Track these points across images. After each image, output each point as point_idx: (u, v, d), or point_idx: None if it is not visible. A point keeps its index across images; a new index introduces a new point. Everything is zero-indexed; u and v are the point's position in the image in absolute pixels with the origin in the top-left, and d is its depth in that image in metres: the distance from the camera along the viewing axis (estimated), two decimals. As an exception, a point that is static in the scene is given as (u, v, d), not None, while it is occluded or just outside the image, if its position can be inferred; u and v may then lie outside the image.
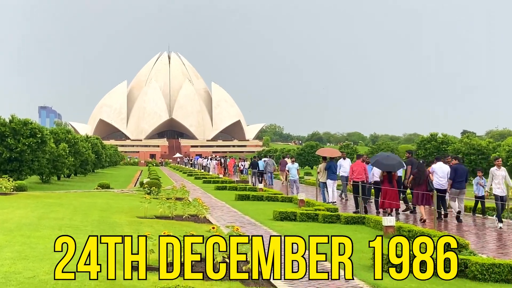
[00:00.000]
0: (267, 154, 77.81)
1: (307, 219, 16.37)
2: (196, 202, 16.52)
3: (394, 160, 18.28)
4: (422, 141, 54.92)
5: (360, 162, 20.67)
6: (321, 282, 8.47)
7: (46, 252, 9.42)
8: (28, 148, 31.08)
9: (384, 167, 18.07)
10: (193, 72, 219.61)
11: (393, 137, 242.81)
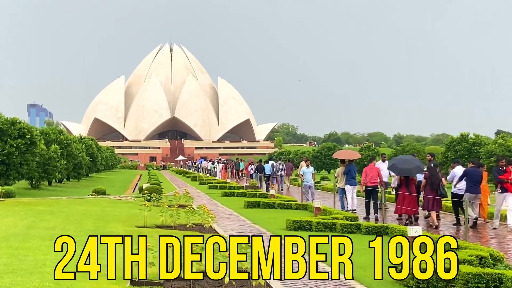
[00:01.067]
0: (279, 157, 77.70)
1: (324, 229, 16.33)
2: (201, 210, 16.53)
3: (411, 164, 18.80)
4: (452, 142, 54.75)
5: (374, 165, 21.40)
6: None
7: (36, 265, 9.46)
8: (16, 150, 31.21)
9: (399, 172, 18.86)
10: (197, 66, 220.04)
11: (419, 138, 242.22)
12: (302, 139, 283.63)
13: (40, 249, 11.18)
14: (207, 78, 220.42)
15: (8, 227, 14.39)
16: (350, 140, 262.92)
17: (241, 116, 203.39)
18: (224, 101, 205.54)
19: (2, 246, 11.30)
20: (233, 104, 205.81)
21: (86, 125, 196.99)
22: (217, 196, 30.83)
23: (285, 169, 39.42)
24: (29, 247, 11.31)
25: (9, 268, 9.10)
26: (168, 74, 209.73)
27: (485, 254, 10.67)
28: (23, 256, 10.25)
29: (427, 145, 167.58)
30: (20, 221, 16.05)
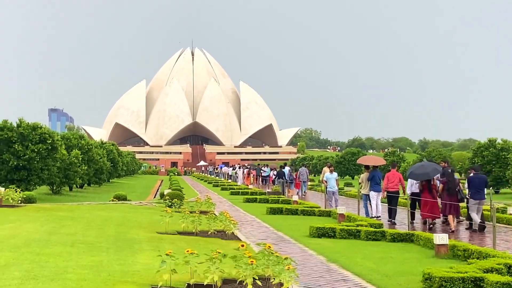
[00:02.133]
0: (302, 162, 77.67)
1: (348, 236, 16.26)
2: (223, 216, 16.54)
3: (428, 168, 19.75)
4: (479, 147, 54.12)
5: (395, 171, 22.12)
6: None
7: (57, 271, 9.53)
8: (37, 155, 31.53)
9: (418, 177, 19.86)
10: (219, 70, 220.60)
11: (445, 143, 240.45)
12: (325, 144, 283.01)
13: (61, 255, 11.26)
14: (229, 82, 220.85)
15: (29, 233, 14.52)
16: (374, 145, 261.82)
17: (264, 121, 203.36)
18: (246, 105, 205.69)
19: (23, 252, 11.40)
20: (256, 109, 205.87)
21: (107, 130, 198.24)
22: (239, 202, 30.84)
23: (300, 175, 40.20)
24: (50, 253, 11.39)
25: (30, 275, 9.18)
26: (190, 78, 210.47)
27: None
28: (44, 263, 10.33)
29: (454, 150, 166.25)
30: (41, 226, 16.19)
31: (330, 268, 11.53)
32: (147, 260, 11.05)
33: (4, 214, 19.78)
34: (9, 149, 31.30)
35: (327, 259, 12.50)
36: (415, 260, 12.60)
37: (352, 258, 12.68)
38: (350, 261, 12.20)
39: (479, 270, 9.74)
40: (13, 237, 13.67)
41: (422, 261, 12.41)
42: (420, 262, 12.16)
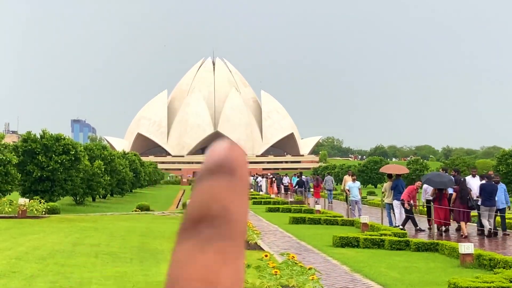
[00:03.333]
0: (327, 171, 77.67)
1: (372, 246, 16.19)
2: (245, 226, 16.55)
3: (445, 178, 20.94)
4: (504, 155, 53.67)
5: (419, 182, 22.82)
6: None
7: (82, 282, 9.61)
8: (60, 166, 31.79)
9: (435, 184, 20.68)
10: (240, 79, 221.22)
11: (469, 151, 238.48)
12: (347, 152, 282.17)
13: (86, 266, 11.35)
14: (250, 91, 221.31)
15: (54, 244, 14.65)
16: (397, 153, 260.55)
17: (285, 130, 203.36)
18: (268, 115, 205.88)
19: (49, 263, 11.51)
20: (277, 118, 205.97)
21: (129, 140, 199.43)
22: (262, 212, 30.83)
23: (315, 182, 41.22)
24: (75, 264, 11.49)
25: (56, 286, 9.26)
26: (211, 88, 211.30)
27: (541, 272, 10.43)
28: (69, 274, 10.42)
29: (477, 158, 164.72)
30: (65, 237, 16.32)
31: (354, 278, 11.49)
32: (170, 270, 11.08)
33: (29, 225, 19.98)
34: (33, 160, 31.61)
35: (351, 269, 12.46)
36: (440, 269, 12.52)
37: (376, 268, 12.63)
38: (374, 271, 12.15)
39: (506, 279, 9.66)
40: (38, 248, 13.80)
41: (447, 270, 12.33)
42: (445, 272, 12.08)
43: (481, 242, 18.17)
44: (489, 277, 9.81)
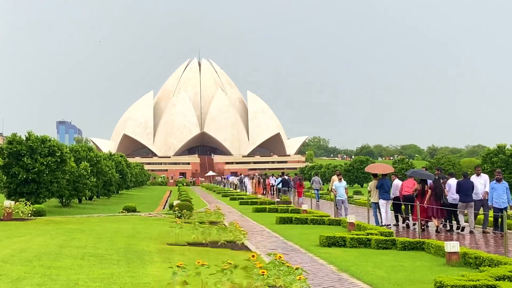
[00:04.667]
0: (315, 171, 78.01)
1: (358, 245, 16.25)
2: (232, 227, 16.57)
3: (428, 173, 22.57)
4: (488, 154, 54.05)
5: (413, 180, 23.16)
6: None
7: (68, 284, 9.56)
8: (46, 168, 31.61)
9: (421, 175, 22.09)
10: (226, 80, 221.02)
11: (454, 150, 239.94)
12: (333, 152, 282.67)
13: (73, 268, 11.29)
14: (236, 92, 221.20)
15: (40, 246, 14.57)
16: (383, 153, 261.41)
17: (271, 130, 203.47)
18: (254, 115, 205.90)
19: (35, 266, 11.44)
20: (263, 118, 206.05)
21: (115, 141, 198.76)
22: (249, 212, 30.85)
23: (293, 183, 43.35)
24: (61, 266, 11.43)
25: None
26: (197, 88, 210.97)
27: (526, 270, 10.50)
28: (55, 276, 10.36)
29: (463, 157, 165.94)
30: (51, 240, 16.24)
31: (341, 277, 11.52)
32: (157, 272, 11.07)
33: (15, 228, 19.87)
34: (18, 163, 31.40)
35: (338, 269, 12.49)
36: (426, 268, 12.57)
37: (363, 267, 12.67)
38: (361, 270, 12.18)
39: (491, 277, 9.72)
40: (24, 250, 13.72)
41: (433, 269, 12.39)
42: (431, 270, 12.14)
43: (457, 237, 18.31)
44: (475, 275, 9.86)
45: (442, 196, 20.91)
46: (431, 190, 21.00)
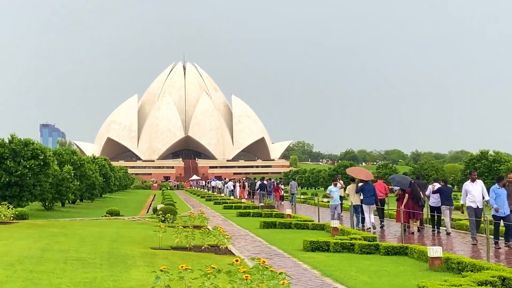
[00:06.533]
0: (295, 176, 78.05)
1: (342, 250, 16.27)
2: (216, 231, 16.54)
3: (406, 180, 23.20)
4: (471, 159, 54.49)
5: (382, 182, 25.27)
6: None
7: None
8: (29, 171, 31.43)
9: (397, 184, 23.24)
10: (211, 84, 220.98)
11: (437, 155, 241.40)
12: (318, 157, 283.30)
13: (55, 272, 11.21)
14: (221, 96, 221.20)
15: (22, 250, 14.46)
16: (366, 158, 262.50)
17: (256, 134, 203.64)
18: (239, 119, 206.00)
19: (17, 270, 11.35)
20: (248, 123, 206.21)
21: (99, 145, 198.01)
22: (232, 216, 30.82)
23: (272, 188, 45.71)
24: (44, 270, 11.35)
25: (24, 292, 9.13)
26: (182, 92, 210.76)
27: (508, 275, 10.56)
28: (38, 280, 10.29)
29: (446, 162, 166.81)
30: (34, 243, 16.12)
31: (324, 282, 11.53)
32: (141, 276, 11.02)
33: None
34: (1, 166, 31.20)
35: (321, 273, 12.50)
36: (409, 273, 12.61)
37: (346, 272, 12.69)
38: (344, 275, 12.20)
39: (473, 283, 9.77)
40: (6, 254, 13.61)
41: (416, 274, 12.43)
42: (414, 275, 12.18)
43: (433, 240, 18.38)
44: (457, 280, 9.91)
45: (419, 199, 22.21)
46: (408, 194, 22.23)
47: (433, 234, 21.59)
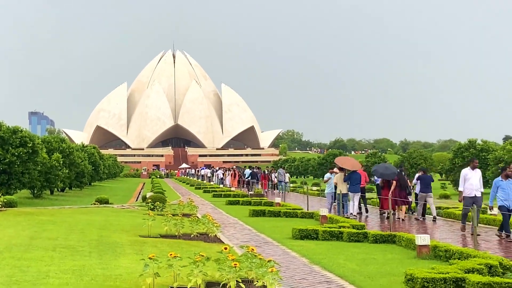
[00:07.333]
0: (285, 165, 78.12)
1: (330, 238, 16.33)
2: (205, 219, 16.54)
3: (390, 171, 24.26)
4: (459, 148, 54.63)
5: (362, 170, 25.81)
6: None
7: (39, 276, 9.48)
8: (17, 159, 31.25)
9: (381, 176, 24.39)
10: (200, 72, 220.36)
11: (426, 144, 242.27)
12: (307, 146, 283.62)
13: (43, 259, 11.19)
14: (211, 84, 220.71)
15: (11, 238, 14.42)
16: (356, 146, 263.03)
17: (245, 123, 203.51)
18: (228, 108, 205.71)
19: (5, 257, 11.32)
20: (237, 111, 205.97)
21: (88, 133, 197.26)
22: (222, 205, 30.84)
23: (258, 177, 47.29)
24: (32, 258, 11.33)
25: (12, 280, 9.12)
26: (171, 80, 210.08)
27: (495, 263, 10.64)
28: (26, 267, 10.26)
29: (434, 151, 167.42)
30: (22, 231, 16.08)
31: (313, 269, 11.57)
32: (130, 264, 11.02)
33: (-15, 219, 19.62)
34: (-11, 153, 31.02)
35: (310, 261, 12.54)
36: (397, 261, 12.68)
37: (335, 259, 12.73)
38: (332, 263, 12.25)
39: (461, 270, 9.82)
40: (-6, 242, 13.57)
41: (404, 262, 12.49)
42: (402, 263, 12.24)
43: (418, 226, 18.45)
44: (445, 268, 9.96)
45: (406, 187, 23.38)
46: (396, 182, 23.08)
47: (420, 221, 22.42)
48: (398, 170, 24.26)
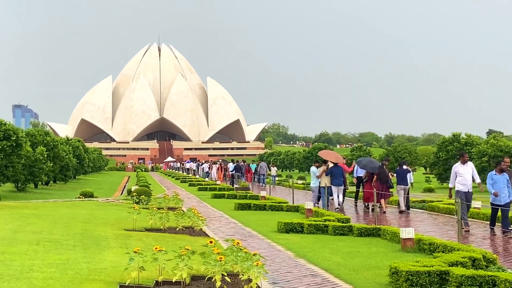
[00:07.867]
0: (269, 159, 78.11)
1: (316, 231, 16.35)
2: (191, 213, 16.51)
3: (374, 164, 25.18)
4: (444, 142, 54.98)
5: (343, 164, 26.12)
6: None
7: (23, 270, 9.41)
8: (1, 152, 31.09)
9: (364, 167, 25.05)
10: (186, 65, 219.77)
11: (410, 138, 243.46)
12: (293, 139, 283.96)
13: (27, 253, 11.12)
14: (196, 78, 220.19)
15: (-6, 231, 14.31)
16: (341, 140, 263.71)
17: (231, 116, 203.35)
18: (214, 101, 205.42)
19: (-12, 251, 11.24)
20: (223, 105, 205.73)
21: (72, 126, 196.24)
22: (207, 198, 30.81)
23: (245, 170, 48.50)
24: (16, 252, 11.25)
25: (-4, 274, 9.04)
26: (157, 74, 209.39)
27: (478, 256, 10.71)
28: (9, 261, 10.19)
29: (419, 145, 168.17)
30: (5, 225, 15.97)
31: (298, 263, 11.59)
32: (114, 257, 10.98)
33: (-32, 212, 19.48)
34: (-28, 146, 30.82)
35: (295, 254, 12.56)
36: (382, 254, 12.73)
37: (320, 253, 12.76)
38: (318, 256, 12.27)
39: (445, 263, 9.87)
40: (-22, 235, 13.47)
41: (389, 255, 12.54)
42: (386, 256, 12.29)
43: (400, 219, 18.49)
44: (429, 261, 10.01)
45: (387, 180, 23.86)
46: (376, 175, 23.80)
47: (405, 213, 22.97)
48: (380, 163, 25.01)
